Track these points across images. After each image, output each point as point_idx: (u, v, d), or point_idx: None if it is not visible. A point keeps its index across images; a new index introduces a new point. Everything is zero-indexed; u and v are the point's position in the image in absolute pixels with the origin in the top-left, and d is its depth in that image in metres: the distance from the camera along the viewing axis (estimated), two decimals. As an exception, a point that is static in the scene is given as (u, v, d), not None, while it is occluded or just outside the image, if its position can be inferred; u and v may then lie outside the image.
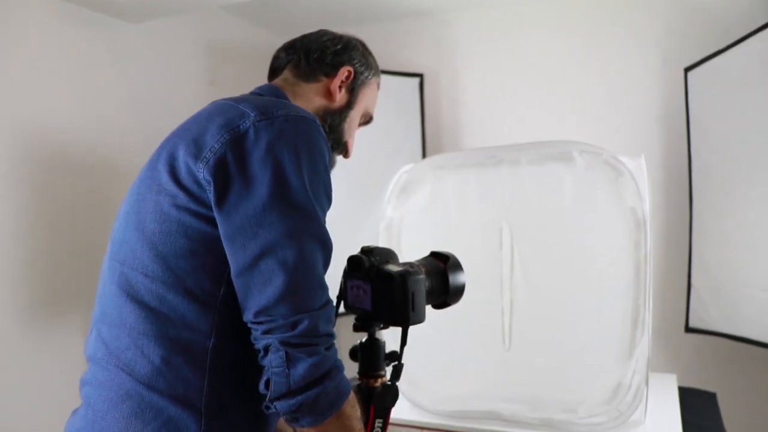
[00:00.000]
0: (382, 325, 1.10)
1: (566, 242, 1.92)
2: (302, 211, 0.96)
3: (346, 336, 1.22)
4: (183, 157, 0.98)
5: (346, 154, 1.33)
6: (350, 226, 3.44)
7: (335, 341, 0.99)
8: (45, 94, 2.80)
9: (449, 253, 1.15)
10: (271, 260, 0.92)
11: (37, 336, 2.77)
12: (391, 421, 1.21)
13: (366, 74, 1.30)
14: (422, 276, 1.06)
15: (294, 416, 0.94)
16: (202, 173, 0.96)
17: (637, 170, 1.83)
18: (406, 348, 1.06)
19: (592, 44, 3.48)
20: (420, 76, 3.78)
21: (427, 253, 1.19)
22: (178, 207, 0.98)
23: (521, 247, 1.97)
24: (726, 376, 3.08)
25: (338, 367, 0.97)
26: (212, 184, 0.95)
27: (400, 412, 1.99)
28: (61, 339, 2.90)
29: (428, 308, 1.12)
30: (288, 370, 0.91)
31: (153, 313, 0.97)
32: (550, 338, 1.94)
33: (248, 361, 0.98)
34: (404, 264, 1.08)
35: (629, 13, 3.41)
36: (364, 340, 1.10)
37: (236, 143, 0.96)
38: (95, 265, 3.12)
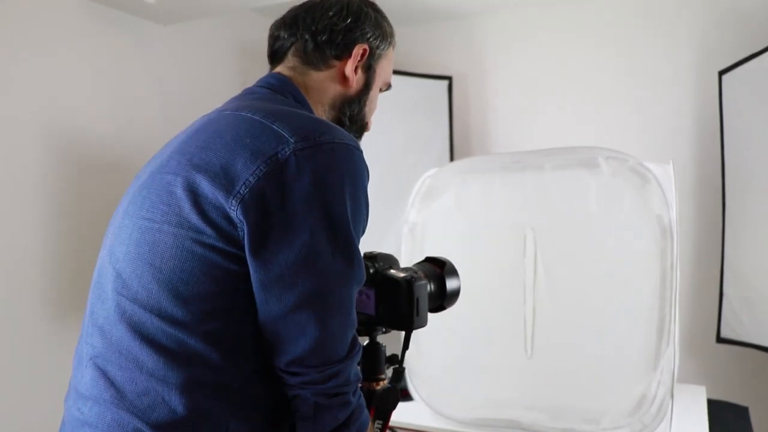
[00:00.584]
0: (384, 330, 1.10)
1: (590, 249, 1.89)
2: (346, 256, 0.88)
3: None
4: (210, 190, 0.85)
5: (366, 130, 1.19)
6: (378, 229, 3.44)
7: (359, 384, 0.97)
8: (76, 96, 2.85)
9: (445, 259, 1.15)
10: (307, 312, 0.86)
11: (65, 333, 2.81)
12: (412, 428, 1.21)
13: (382, 46, 1.13)
14: (425, 281, 1.06)
15: None
16: (235, 211, 0.84)
17: (664, 177, 1.79)
18: (413, 352, 1.06)
19: (623, 47, 3.43)
20: (449, 78, 3.76)
21: (437, 257, 1.19)
22: (203, 245, 0.85)
23: (545, 254, 1.94)
24: (759, 388, 3.01)
25: (360, 406, 0.94)
26: (246, 224, 0.84)
27: (420, 419, 1.98)
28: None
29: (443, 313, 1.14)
30: (315, 420, 0.89)
31: (173, 358, 0.86)
32: (573, 346, 1.91)
33: (274, 400, 0.94)
34: (407, 269, 1.08)
35: (661, 15, 3.35)
36: (365, 344, 1.09)
37: (275, 177, 0.84)
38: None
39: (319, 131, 0.89)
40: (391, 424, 1.16)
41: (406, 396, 2.03)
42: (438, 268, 1.12)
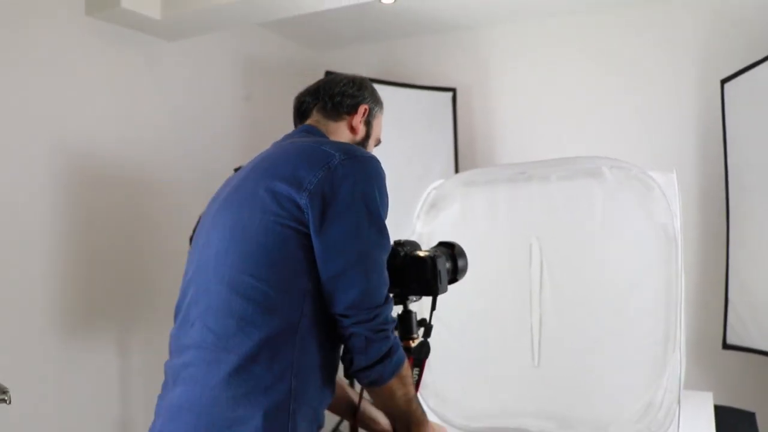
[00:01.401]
0: (415, 298, 1.43)
1: (596, 258, 1.91)
2: (379, 230, 1.27)
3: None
4: (284, 188, 1.24)
5: None
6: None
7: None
8: (85, 112, 2.88)
9: (454, 242, 1.49)
10: (356, 269, 1.23)
11: (73, 345, 2.83)
12: None
13: (376, 108, 1.55)
14: (443, 257, 1.40)
15: (369, 381, 1.26)
16: (304, 200, 1.23)
17: (668, 185, 1.81)
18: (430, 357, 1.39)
19: (626, 57, 3.46)
20: (453, 90, 3.79)
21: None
22: (281, 225, 1.23)
23: (551, 264, 1.96)
24: (765, 394, 3.01)
25: (398, 343, 1.29)
26: (310, 208, 1.22)
27: (428, 427, 1.98)
28: (94, 350, 2.96)
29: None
30: (367, 350, 1.24)
31: (258, 306, 1.22)
32: (579, 354, 1.92)
33: (325, 337, 1.27)
34: (428, 250, 1.42)
35: (664, 25, 3.38)
36: (400, 311, 1.41)
37: (330, 178, 1.24)
38: (131, 277, 3.19)
39: (354, 149, 1.32)
40: None
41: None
42: (450, 250, 1.46)
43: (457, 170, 3.71)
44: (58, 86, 2.77)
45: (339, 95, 1.51)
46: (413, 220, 2.16)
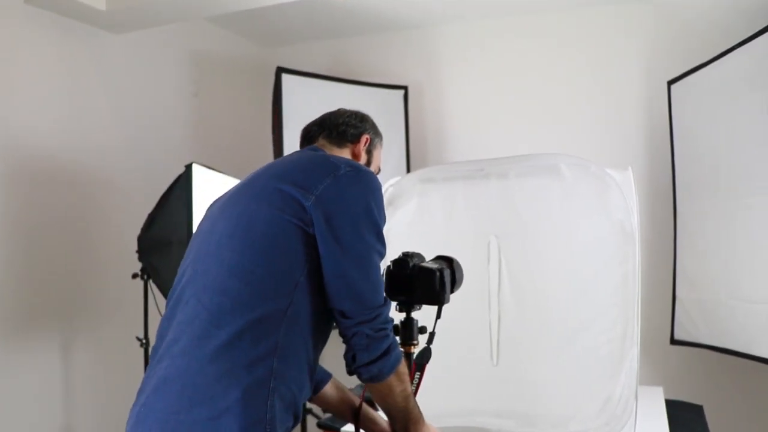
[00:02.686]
0: (418, 307, 1.55)
1: (554, 255, 1.91)
2: (378, 236, 1.38)
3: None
4: (291, 190, 1.35)
5: None
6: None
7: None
8: (22, 104, 2.76)
9: (452, 257, 1.57)
10: (357, 271, 1.34)
11: (12, 347, 2.71)
12: None
13: (376, 139, 1.71)
14: (448, 270, 1.51)
15: (369, 376, 1.36)
16: (310, 203, 1.33)
17: (625, 183, 1.82)
18: None
19: (577, 57, 3.51)
20: (404, 88, 3.78)
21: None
22: (286, 219, 1.33)
23: (509, 261, 1.95)
24: (712, 388, 3.09)
25: (396, 342, 1.40)
26: (315, 211, 1.33)
27: (386, 427, 1.95)
28: (37, 352, 2.84)
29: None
30: (368, 348, 1.34)
31: (253, 289, 1.31)
32: (538, 352, 1.92)
33: (309, 330, 1.37)
34: (432, 262, 1.53)
35: (613, 27, 3.44)
36: (402, 319, 1.54)
37: (336, 186, 1.36)
38: (74, 275, 3.07)
39: (358, 164, 1.46)
40: None
41: (374, 405, 2.01)
42: (449, 263, 1.55)
43: (408, 169, 3.70)
44: (-4, 79, 2.64)
45: (343, 125, 1.65)
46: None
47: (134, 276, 2.82)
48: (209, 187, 2.73)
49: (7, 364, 2.67)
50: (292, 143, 3.35)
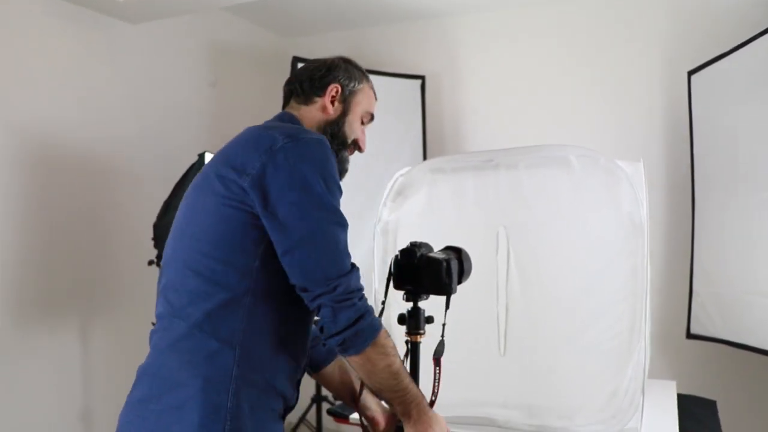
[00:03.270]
0: (425, 297, 1.54)
1: (562, 247, 1.90)
2: (324, 205, 1.33)
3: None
4: (230, 173, 1.34)
5: (360, 149, 1.67)
6: (351, 227, 3.42)
7: (364, 294, 1.38)
8: (41, 93, 2.80)
9: (460, 247, 1.58)
10: (303, 247, 1.31)
11: (29, 339, 2.76)
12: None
13: (352, 84, 1.60)
14: (456, 261, 1.51)
15: (342, 348, 1.34)
16: (246, 183, 1.32)
17: (635, 175, 1.80)
18: None
19: (595, 48, 3.47)
20: (422, 78, 3.77)
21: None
22: (229, 206, 1.33)
23: (517, 252, 1.95)
24: (727, 383, 3.06)
25: (368, 311, 1.36)
26: (252, 190, 1.31)
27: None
28: (57, 336, 2.89)
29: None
30: (335, 318, 1.31)
31: (206, 280, 1.33)
32: (545, 343, 1.91)
33: (276, 311, 1.38)
34: (440, 252, 1.54)
35: (632, 17, 3.39)
36: (409, 308, 1.54)
37: (272, 161, 1.32)
38: (93, 263, 3.12)
39: (299, 132, 1.40)
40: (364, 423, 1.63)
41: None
42: (457, 253, 1.55)
43: (425, 158, 3.70)
44: (14, 67, 2.68)
45: (308, 80, 1.58)
46: (379, 208, 2.13)
47: (150, 263, 2.86)
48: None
49: (28, 348, 2.73)
50: (308, 133, 3.36)
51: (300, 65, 3.33)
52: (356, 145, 1.65)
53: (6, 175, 2.64)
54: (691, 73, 3.05)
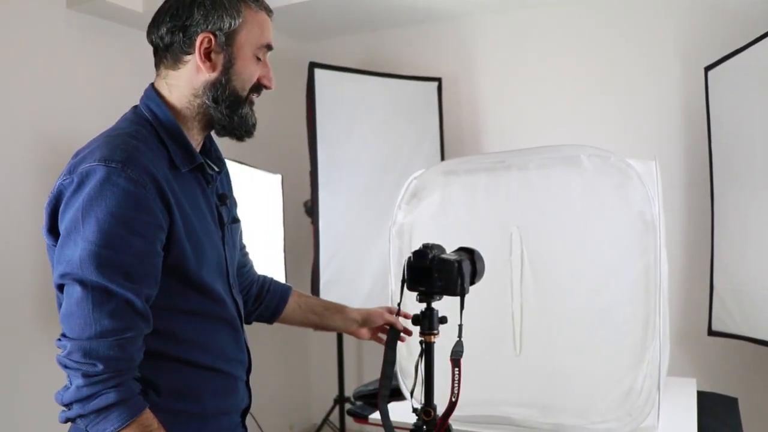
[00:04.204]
0: (438, 297, 1.53)
1: (575, 246, 1.91)
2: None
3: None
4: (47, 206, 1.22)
5: (266, 87, 1.34)
6: (370, 229, 3.46)
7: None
8: (64, 105, 2.87)
9: (473, 248, 1.58)
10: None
11: (47, 338, 2.82)
12: (399, 424, 1.66)
13: (228, 23, 1.23)
14: (468, 262, 1.52)
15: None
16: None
17: (647, 173, 1.81)
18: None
19: (610, 46, 3.46)
20: (438, 80, 3.79)
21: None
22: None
23: (531, 252, 1.96)
24: (748, 380, 3.03)
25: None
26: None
27: (409, 416, 1.99)
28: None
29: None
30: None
31: None
32: (560, 342, 1.93)
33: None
34: (452, 254, 1.54)
35: (647, 13, 3.38)
36: (423, 309, 1.54)
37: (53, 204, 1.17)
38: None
39: (81, 169, 1.14)
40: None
41: (398, 395, 2.05)
42: (469, 254, 1.56)
43: (443, 160, 3.71)
44: (39, 80, 2.75)
45: (167, 36, 1.24)
46: (394, 210, 2.15)
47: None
48: (235, 180, 2.79)
49: (33, 358, 2.78)
50: (326, 137, 3.40)
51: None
52: (258, 88, 1.33)
53: (31, 184, 2.71)
54: (707, 68, 3.03)
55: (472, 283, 1.57)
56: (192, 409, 1.25)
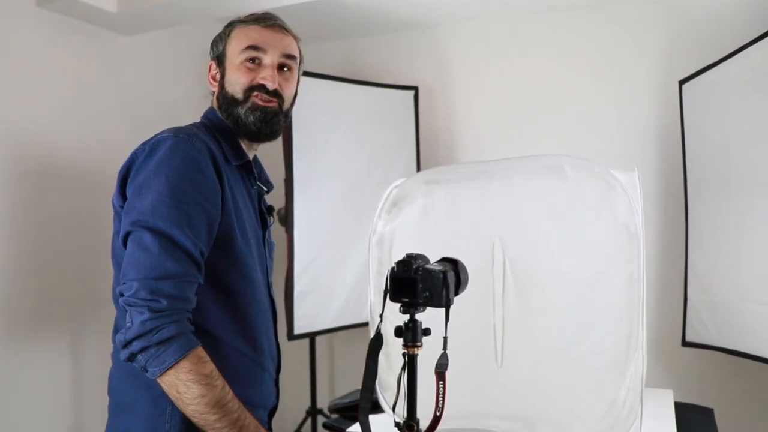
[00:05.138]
0: (422, 309, 1.50)
1: (558, 257, 1.90)
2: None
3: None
4: (115, 196, 1.46)
5: (263, 88, 1.54)
6: (347, 238, 3.42)
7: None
8: (33, 106, 2.79)
9: (456, 259, 1.56)
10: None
11: (22, 350, 2.73)
12: None
13: (221, 46, 1.57)
14: (452, 273, 1.48)
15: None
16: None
17: (630, 184, 1.80)
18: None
19: (588, 58, 3.48)
20: (415, 89, 3.77)
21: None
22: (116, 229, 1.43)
23: (513, 263, 1.94)
24: (723, 391, 3.06)
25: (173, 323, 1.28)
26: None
27: (389, 430, 1.95)
28: (48, 352, 2.87)
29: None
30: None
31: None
32: (542, 354, 1.91)
33: (207, 318, 1.39)
34: (436, 264, 1.50)
35: (624, 26, 3.41)
36: (406, 320, 1.49)
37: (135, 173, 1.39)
38: (85, 278, 3.10)
39: (153, 140, 1.40)
40: None
41: (377, 408, 2.01)
42: (453, 265, 1.53)
43: (419, 169, 3.70)
44: (6, 80, 2.67)
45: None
46: (374, 219, 2.12)
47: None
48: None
49: (18, 364, 2.70)
50: (302, 144, 3.36)
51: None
52: (258, 88, 1.55)
53: (1, 184, 2.62)
54: (682, 82, 3.07)
55: (456, 293, 1.54)
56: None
